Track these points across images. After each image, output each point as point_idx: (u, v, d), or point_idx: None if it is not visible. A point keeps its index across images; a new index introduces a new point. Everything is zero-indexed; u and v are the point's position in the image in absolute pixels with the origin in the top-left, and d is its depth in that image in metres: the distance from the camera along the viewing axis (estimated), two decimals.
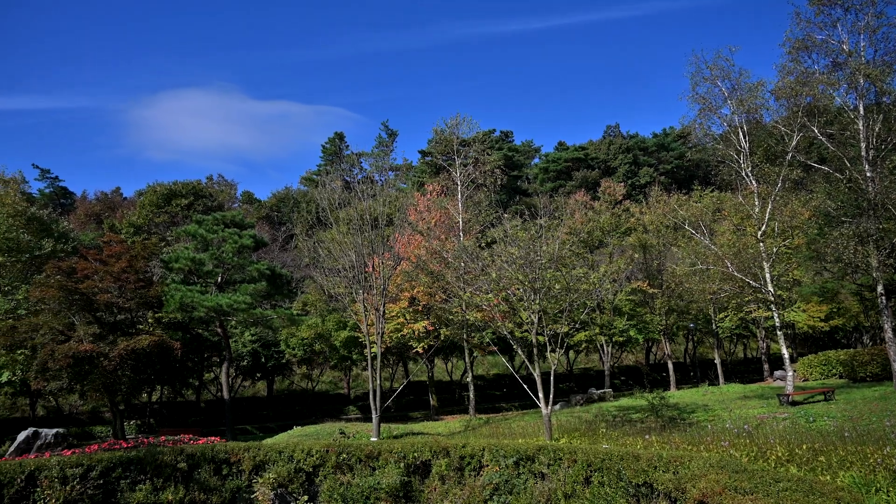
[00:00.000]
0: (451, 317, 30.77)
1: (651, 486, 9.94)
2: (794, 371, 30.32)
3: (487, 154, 43.18)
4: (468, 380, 36.00)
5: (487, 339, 31.58)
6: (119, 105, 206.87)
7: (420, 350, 33.26)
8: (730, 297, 32.80)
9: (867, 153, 25.41)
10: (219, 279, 30.51)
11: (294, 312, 34.66)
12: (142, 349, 24.53)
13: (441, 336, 33.25)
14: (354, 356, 39.69)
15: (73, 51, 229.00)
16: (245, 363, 39.47)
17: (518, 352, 22.08)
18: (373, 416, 23.85)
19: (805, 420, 19.78)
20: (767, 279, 27.43)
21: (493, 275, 21.41)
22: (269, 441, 19.52)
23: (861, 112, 25.60)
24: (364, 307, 25.73)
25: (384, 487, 12.89)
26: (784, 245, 29.69)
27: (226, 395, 30.32)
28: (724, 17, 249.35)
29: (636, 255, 43.61)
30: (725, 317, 43.10)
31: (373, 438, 22.33)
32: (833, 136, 27.05)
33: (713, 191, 43.26)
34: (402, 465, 13.35)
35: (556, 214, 44.06)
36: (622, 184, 61.90)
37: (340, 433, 23.77)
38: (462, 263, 28.28)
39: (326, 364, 44.73)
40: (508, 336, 21.96)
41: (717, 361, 44.65)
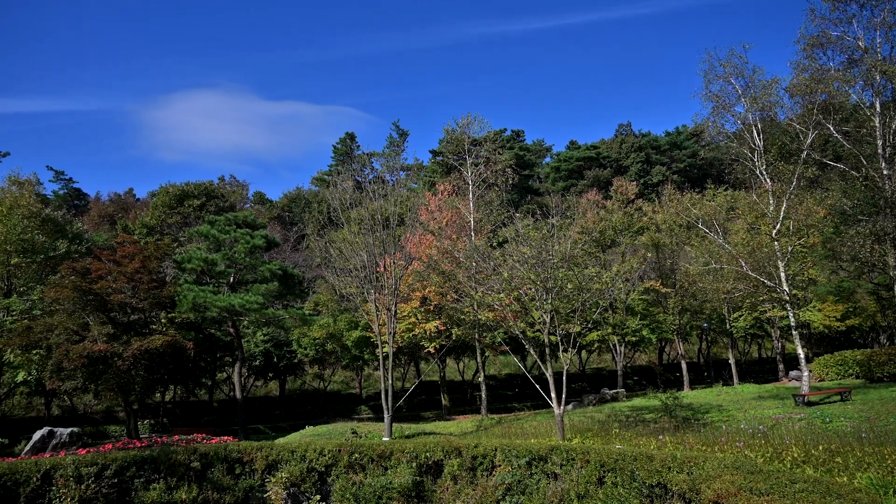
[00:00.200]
0: (463, 316, 30.71)
1: (665, 487, 9.85)
2: (810, 371, 29.99)
3: (499, 153, 43.11)
4: (480, 380, 35.93)
5: (499, 339, 31.50)
6: (131, 106, 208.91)
7: (432, 350, 33.24)
8: (744, 297, 32.48)
9: (884, 150, 25.10)
10: (231, 279, 30.65)
11: (306, 312, 34.74)
12: (155, 349, 24.66)
13: (453, 336, 33.20)
14: (366, 356, 39.74)
15: (86, 53, 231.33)
16: (257, 363, 39.63)
17: (530, 351, 22.01)
18: (384, 416, 23.84)
19: (821, 421, 19.55)
20: (782, 278, 27.16)
21: (505, 274, 21.34)
22: (282, 441, 19.57)
23: (878, 109, 25.30)
24: (376, 307, 25.75)
25: (396, 487, 12.87)
26: (799, 244, 29.38)
27: (238, 395, 30.44)
28: (738, 15, 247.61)
29: (649, 255, 43.34)
30: (739, 316, 42.72)
31: (385, 438, 22.32)
32: (849, 134, 26.75)
33: (727, 189, 42.91)
34: (414, 465, 13.33)
35: (568, 213, 43.97)
36: (634, 183, 61.66)
37: (352, 433, 23.79)
38: (473, 263, 28.21)
39: (338, 364, 44.82)
40: (520, 336, 21.88)
41: (732, 361, 44.28)
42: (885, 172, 24.88)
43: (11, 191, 36.21)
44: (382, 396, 24.31)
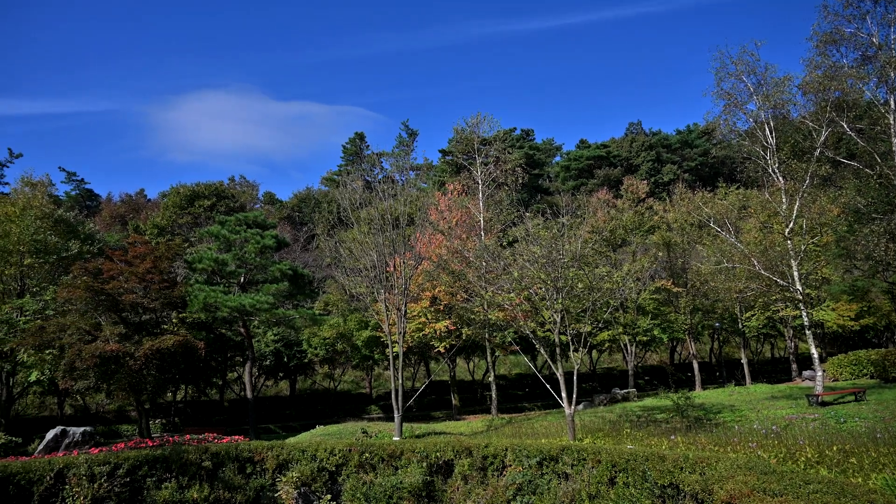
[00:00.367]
0: (473, 316, 30.68)
1: (677, 488, 9.78)
2: (824, 371, 29.69)
3: (508, 153, 43.04)
4: (490, 379, 35.87)
5: (509, 339, 31.44)
6: (141, 108, 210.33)
7: (442, 349, 33.21)
8: (756, 296, 32.23)
9: None
10: (241, 279, 30.76)
11: (316, 312, 34.81)
12: (167, 349, 24.78)
13: (463, 335, 33.16)
14: (376, 356, 39.78)
15: (96, 55, 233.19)
16: (268, 363, 39.76)
17: (540, 351, 21.94)
18: (395, 416, 23.85)
19: (835, 421, 19.37)
20: (795, 277, 26.92)
21: (515, 274, 21.29)
22: (292, 440, 19.61)
23: (892, 106, 25.00)
24: (386, 307, 25.75)
25: (407, 487, 12.86)
26: (812, 242, 29.13)
27: (249, 395, 30.55)
28: (749, 12, 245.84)
29: (660, 254, 43.13)
30: (752, 316, 42.39)
31: (395, 438, 22.32)
32: (863, 132, 26.46)
33: (738, 188, 42.65)
34: (425, 465, 13.31)
35: (579, 213, 43.84)
36: (645, 181, 61.53)
37: (363, 432, 23.81)
38: (483, 262, 28.17)
39: (348, 364, 44.90)
40: (531, 335, 21.83)
41: (744, 361, 43.97)
42: None
43: (24, 192, 36.54)
44: (392, 396, 24.32)
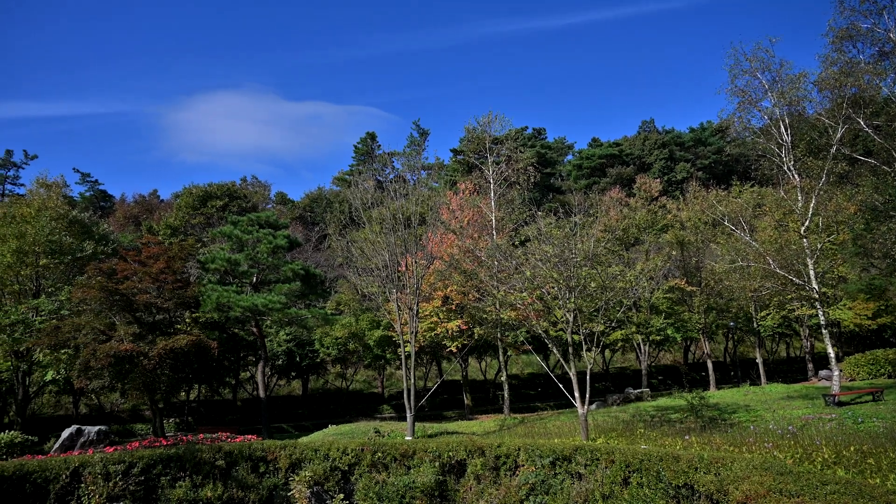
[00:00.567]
0: (485, 315, 30.59)
1: (692, 488, 9.68)
2: (840, 370, 29.31)
3: (520, 152, 42.92)
4: (502, 379, 35.79)
5: (521, 338, 31.33)
6: (155, 109, 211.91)
7: (454, 349, 33.17)
8: (771, 295, 31.96)
9: None
10: (254, 279, 30.89)
11: (328, 312, 34.89)
12: (180, 348, 24.93)
13: (475, 335, 33.09)
14: (388, 355, 39.81)
15: (109, 56, 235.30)
16: (280, 362, 39.91)
17: (553, 351, 21.85)
18: (407, 415, 23.84)
19: (852, 421, 19.13)
20: (811, 276, 26.62)
21: (528, 273, 21.21)
22: (305, 439, 19.65)
23: None
24: (397, 306, 25.75)
25: (419, 486, 12.83)
26: (829, 241, 28.78)
27: (262, 394, 30.67)
28: (764, 8, 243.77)
29: (673, 253, 42.83)
30: (767, 315, 42.01)
31: (407, 437, 22.31)
32: (880, 128, 26.09)
33: (753, 186, 42.23)
34: (437, 465, 13.28)
35: (591, 212, 43.61)
36: (658, 180, 61.06)
37: (375, 432, 23.82)
38: (495, 262, 28.09)
39: (360, 363, 44.95)
40: (543, 335, 21.73)
41: (759, 361, 43.57)
42: None
43: (40, 193, 36.94)
44: (405, 396, 24.31)
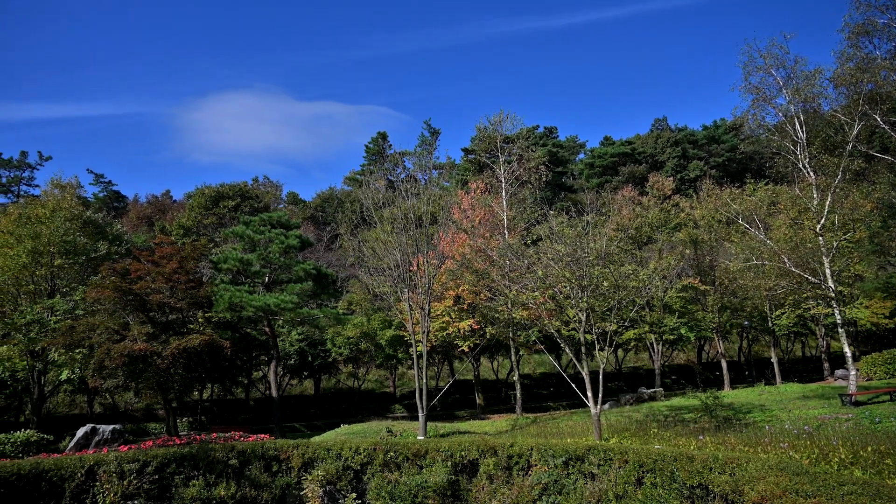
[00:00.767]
0: (497, 315, 30.53)
1: (706, 488, 9.58)
2: (857, 370, 28.99)
3: (531, 150, 42.80)
4: (514, 378, 35.69)
5: (534, 338, 31.21)
6: (167, 110, 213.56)
7: (465, 349, 33.13)
8: (787, 294, 31.61)
9: None
10: (266, 279, 31.01)
11: (340, 312, 34.98)
12: (193, 348, 25.07)
13: (486, 335, 33.03)
14: (400, 355, 39.83)
15: (122, 58, 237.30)
16: (292, 362, 40.05)
17: (565, 350, 21.75)
18: (419, 415, 23.82)
19: (870, 421, 18.87)
20: (827, 274, 26.31)
21: (540, 272, 21.12)
22: (317, 439, 19.68)
23: None
24: (409, 306, 25.74)
25: (431, 486, 12.80)
26: (845, 239, 28.43)
27: (274, 394, 30.79)
28: (779, 5, 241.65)
29: (687, 251, 42.52)
30: (782, 314, 41.60)
31: (419, 437, 22.29)
32: None
33: (767, 184, 41.82)
34: (450, 464, 13.24)
35: (603, 210, 43.36)
36: (671, 178, 60.63)
37: (387, 431, 23.83)
38: (507, 261, 28.01)
39: (372, 363, 45.03)
40: (555, 334, 21.63)
41: (774, 360, 43.17)
42: None
43: (54, 194, 37.27)
44: (416, 395, 24.29)
